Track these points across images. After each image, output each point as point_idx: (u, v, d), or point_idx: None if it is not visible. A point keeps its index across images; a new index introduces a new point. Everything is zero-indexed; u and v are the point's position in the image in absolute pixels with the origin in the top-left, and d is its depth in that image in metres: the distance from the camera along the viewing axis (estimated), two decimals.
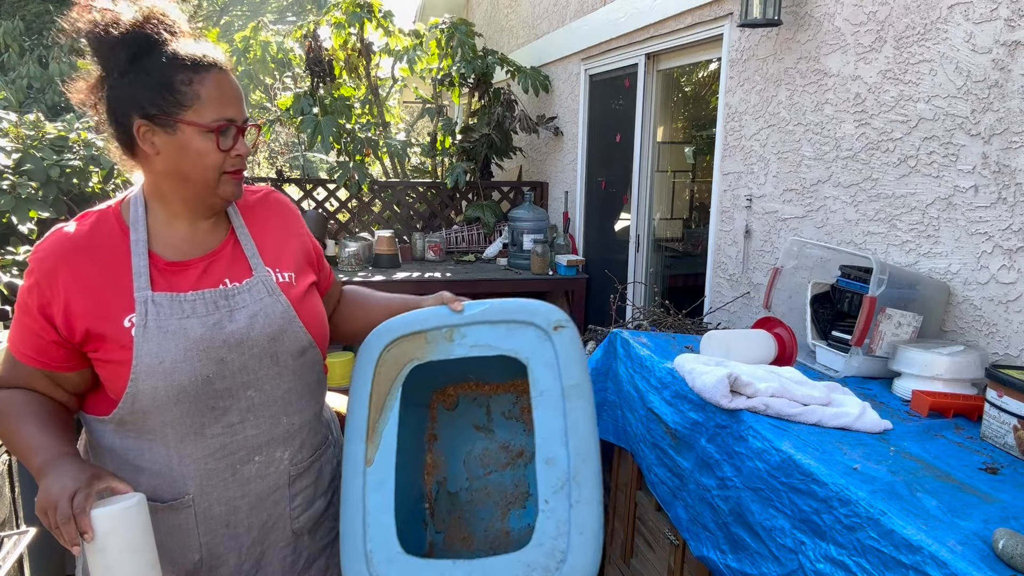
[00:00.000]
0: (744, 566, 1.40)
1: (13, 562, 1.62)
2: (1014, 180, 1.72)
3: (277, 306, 1.17)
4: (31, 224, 2.86)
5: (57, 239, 1.11)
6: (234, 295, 1.14)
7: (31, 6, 4.71)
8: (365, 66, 5.54)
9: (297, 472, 1.24)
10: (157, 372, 1.06)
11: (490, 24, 7.18)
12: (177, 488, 1.13)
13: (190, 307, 1.10)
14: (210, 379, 1.09)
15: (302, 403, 1.23)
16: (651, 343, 2.06)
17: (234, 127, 1.10)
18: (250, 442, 1.16)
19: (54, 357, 1.10)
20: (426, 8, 8.63)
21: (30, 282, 1.08)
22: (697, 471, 1.62)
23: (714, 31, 3.09)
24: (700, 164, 4.08)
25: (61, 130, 3.15)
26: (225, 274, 1.16)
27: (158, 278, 1.11)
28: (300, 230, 1.31)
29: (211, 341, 1.09)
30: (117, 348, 1.07)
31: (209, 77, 1.08)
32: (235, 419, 1.14)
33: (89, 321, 1.06)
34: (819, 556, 1.20)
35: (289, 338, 1.17)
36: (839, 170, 2.34)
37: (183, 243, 1.16)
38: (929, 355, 1.68)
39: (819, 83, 2.41)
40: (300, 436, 1.24)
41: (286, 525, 1.24)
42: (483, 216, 5.08)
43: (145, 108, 1.06)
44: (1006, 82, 1.74)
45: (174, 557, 1.15)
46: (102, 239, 1.12)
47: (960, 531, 1.03)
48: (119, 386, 1.07)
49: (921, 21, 1.98)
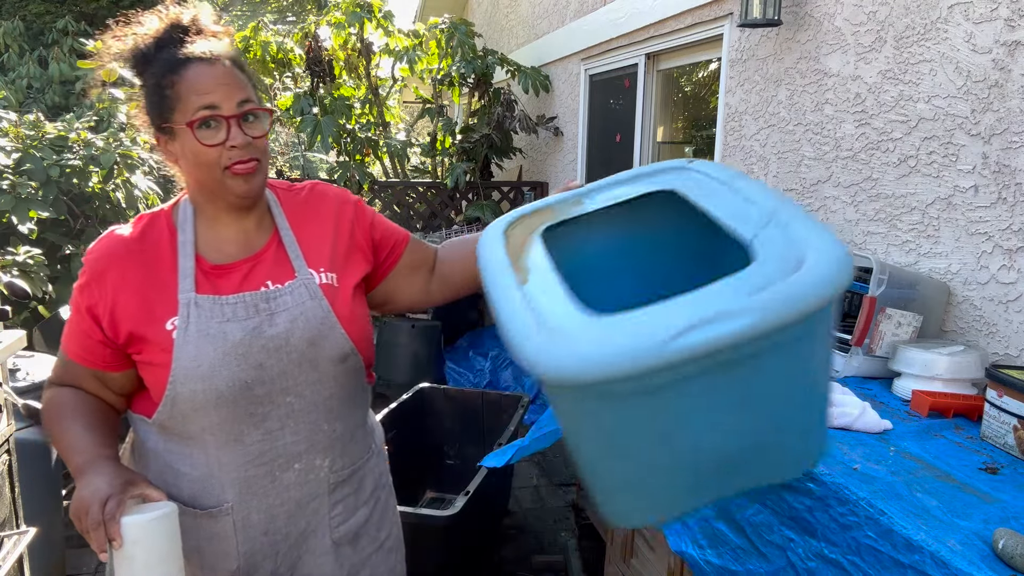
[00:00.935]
0: (727, 562, 1.40)
1: (13, 562, 1.62)
2: (1014, 180, 1.72)
3: (318, 310, 1.13)
4: (31, 224, 2.86)
5: (110, 241, 1.11)
6: (275, 297, 1.12)
7: (32, 6, 4.71)
8: (365, 66, 5.54)
9: (337, 480, 1.22)
10: (195, 376, 1.05)
11: (490, 24, 7.18)
12: (216, 495, 1.12)
13: (231, 310, 1.09)
14: (249, 384, 1.08)
15: (343, 410, 1.20)
16: None
17: (222, 118, 1.04)
18: (289, 449, 1.14)
19: (101, 357, 1.10)
20: (426, 8, 8.63)
21: (82, 282, 1.09)
22: None
23: (714, 31, 3.09)
24: None
25: (61, 130, 3.15)
26: (268, 276, 1.14)
27: (203, 280, 1.10)
28: (342, 219, 1.23)
29: (250, 346, 1.08)
30: (158, 351, 1.06)
31: (186, 72, 1.04)
32: (274, 425, 1.12)
33: (133, 323, 1.07)
34: (809, 554, 1.20)
35: (329, 344, 1.14)
36: (839, 170, 2.34)
37: (228, 245, 1.14)
38: (929, 355, 1.67)
39: (819, 83, 2.41)
40: (341, 444, 1.21)
41: (325, 534, 1.22)
42: (483, 216, 5.08)
43: (154, 121, 1.08)
44: (1006, 82, 1.74)
45: (213, 565, 1.14)
46: (152, 241, 1.12)
47: (960, 531, 1.03)
48: (159, 389, 1.07)
49: (921, 21, 1.98)
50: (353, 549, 1.26)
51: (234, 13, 11.13)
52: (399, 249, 1.30)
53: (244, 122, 1.06)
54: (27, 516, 1.92)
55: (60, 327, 2.89)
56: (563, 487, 3.45)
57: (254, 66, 6.49)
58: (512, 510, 3.21)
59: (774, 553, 1.28)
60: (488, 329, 4.81)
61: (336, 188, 1.28)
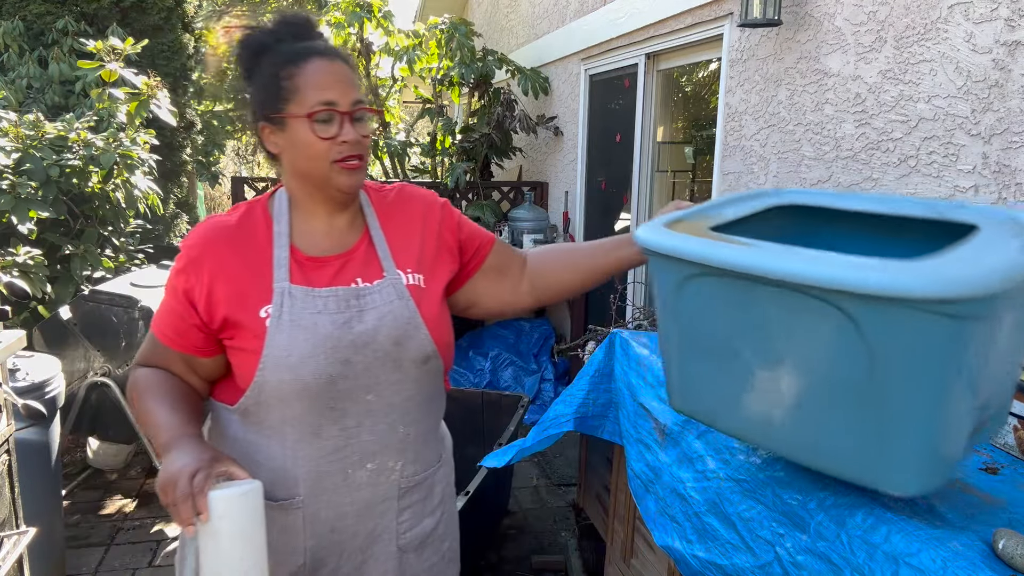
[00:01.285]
0: (713, 556, 1.40)
1: (13, 562, 1.62)
2: (1014, 180, 1.72)
3: (405, 311, 1.15)
4: (31, 224, 2.86)
5: (208, 227, 1.14)
6: (365, 295, 1.13)
7: (32, 6, 4.71)
8: (365, 66, 5.54)
9: (408, 485, 1.22)
10: (284, 365, 1.07)
11: (490, 24, 7.18)
12: (289, 488, 1.13)
13: (322, 303, 1.10)
14: (333, 378, 1.09)
15: (419, 413, 1.21)
16: (651, 343, 2.06)
17: (337, 113, 1.08)
18: (364, 448, 1.14)
19: (192, 341, 1.12)
20: (426, 8, 8.63)
21: (179, 266, 1.12)
22: (676, 465, 1.62)
23: (714, 31, 3.09)
24: (700, 164, 4.07)
25: (61, 130, 3.15)
26: (358, 273, 1.16)
27: (296, 271, 1.12)
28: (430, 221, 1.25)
29: (339, 340, 1.09)
30: (251, 337, 1.08)
31: (307, 66, 1.08)
32: (352, 422, 1.13)
33: (228, 308, 1.09)
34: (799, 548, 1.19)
35: (414, 344, 1.15)
36: (839, 170, 2.34)
37: (322, 239, 1.17)
38: None
39: (819, 83, 2.41)
40: (414, 448, 1.21)
41: (391, 540, 1.22)
42: (483, 216, 5.08)
43: (263, 110, 1.10)
44: (1006, 82, 1.74)
45: (280, 559, 1.14)
46: (248, 230, 1.14)
47: (960, 531, 1.03)
48: (247, 375, 1.09)
49: (921, 21, 1.98)
50: (418, 558, 1.27)
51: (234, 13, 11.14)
52: (484, 251, 1.32)
53: (355, 120, 1.10)
54: (27, 516, 1.92)
55: (60, 327, 2.91)
56: (563, 487, 3.45)
57: None
58: (512, 510, 3.21)
59: (762, 548, 1.28)
60: (488, 329, 4.81)
61: (423, 190, 1.31)
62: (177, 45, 5.37)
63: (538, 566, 2.77)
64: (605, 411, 2.15)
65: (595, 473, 2.52)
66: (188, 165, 5.99)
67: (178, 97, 5.24)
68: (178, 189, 5.91)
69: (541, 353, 4.58)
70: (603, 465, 2.40)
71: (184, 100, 5.56)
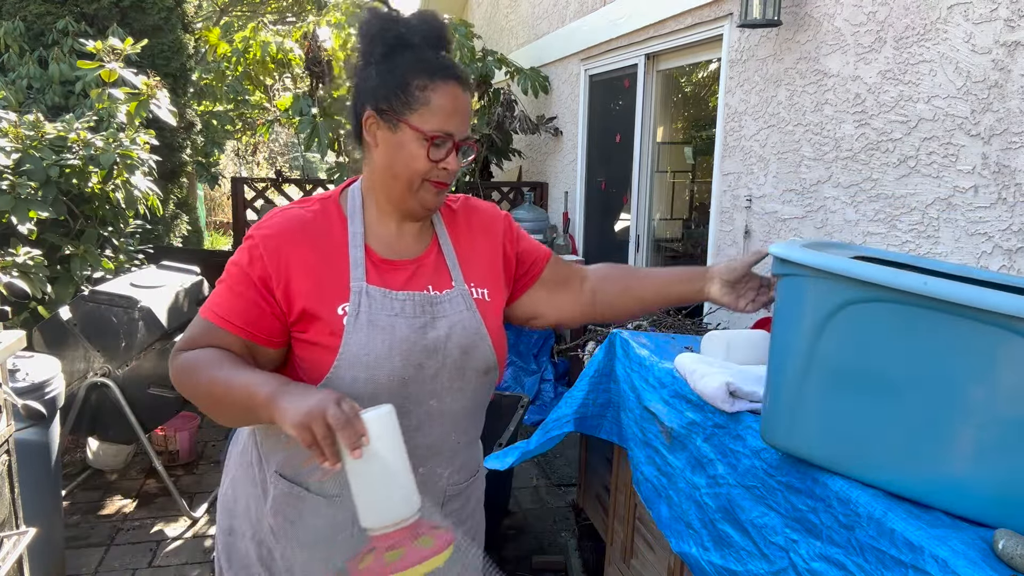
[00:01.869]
0: (728, 563, 1.40)
1: (13, 562, 1.62)
2: (1014, 180, 1.73)
3: (472, 321, 1.17)
4: (31, 224, 2.85)
5: (285, 218, 1.13)
6: (438, 303, 1.15)
7: (32, 7, 4.71)
8: None
9: (452, 493, 1.24)
10: (360, 364, 1.07)
11: (490, 24, 7.18)
12: (341, 484, 1.11)
13: (400, 306, 1.11)
14: (406, 381, 1.10)
15: (469, 423, 1.23)
16: (651, 343, 2.06)
17: (451, 141, 1.11)
18: (418, 451, 1.14)
19: (263, 329, 1.09)
20: (426, 8, 8.63)
21: (254, 254, 1.09)
22: (688, 470, 1.62)
23: (714, 31, 3.09)
24: (700, 164, 4.08)
25: (60, 130, 3.14)
26: (429, 281, 1.17)
27: (372, 272, 1.13)
28: (493, 234, 1.29)
29: (414, 344, 1.10)
30: (327, 333, 1.08)
31: (442, 87, 1.09)
32: (411, 424, 1.12)
33: (307, 301, 1.08)
34: (813, 554, 1.20)
35: (478, 355, 1.17)
36: (839, 170, 2.34)
37: (395, 242, 1.17)
38: None
39: (819, 83, 2.42)
40: (461, 457, 1.23)
41: None
42: None
43: (378, 101, 1.10)
44: (1006, 82, 1.74)
45: (330, 555, 1.15)
46: (323, 225, 1.14)
47: (961, 531, 1.03)
48: (320, 371, 1.08)
49: (921, 21, 1.98)
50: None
51: (234, 13, 11.13)
52: (540, 265, 1.35)
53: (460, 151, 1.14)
54: (27, 516, 1.92)
55: (60, 327, 2.90)
56: (563, 487, 3.45)
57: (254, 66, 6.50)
58: (512, 510, 3.21)
59: (776, 554, 1.28)
60: None
61: (486, 203, 1.34)
62: (177, 45, 5.37)
63: (538, 566, 2.78)
64: (603, 411, 2.15)
65: (595, 473, 2.52)
66: (188, 165, 5.99)
67: (178, 97, 5.24)
68: (178, 190, 5.91)
69: (541, 353, 4.58)
70: (603, 465, 2.40)
71: (184, 100, 5.56)
